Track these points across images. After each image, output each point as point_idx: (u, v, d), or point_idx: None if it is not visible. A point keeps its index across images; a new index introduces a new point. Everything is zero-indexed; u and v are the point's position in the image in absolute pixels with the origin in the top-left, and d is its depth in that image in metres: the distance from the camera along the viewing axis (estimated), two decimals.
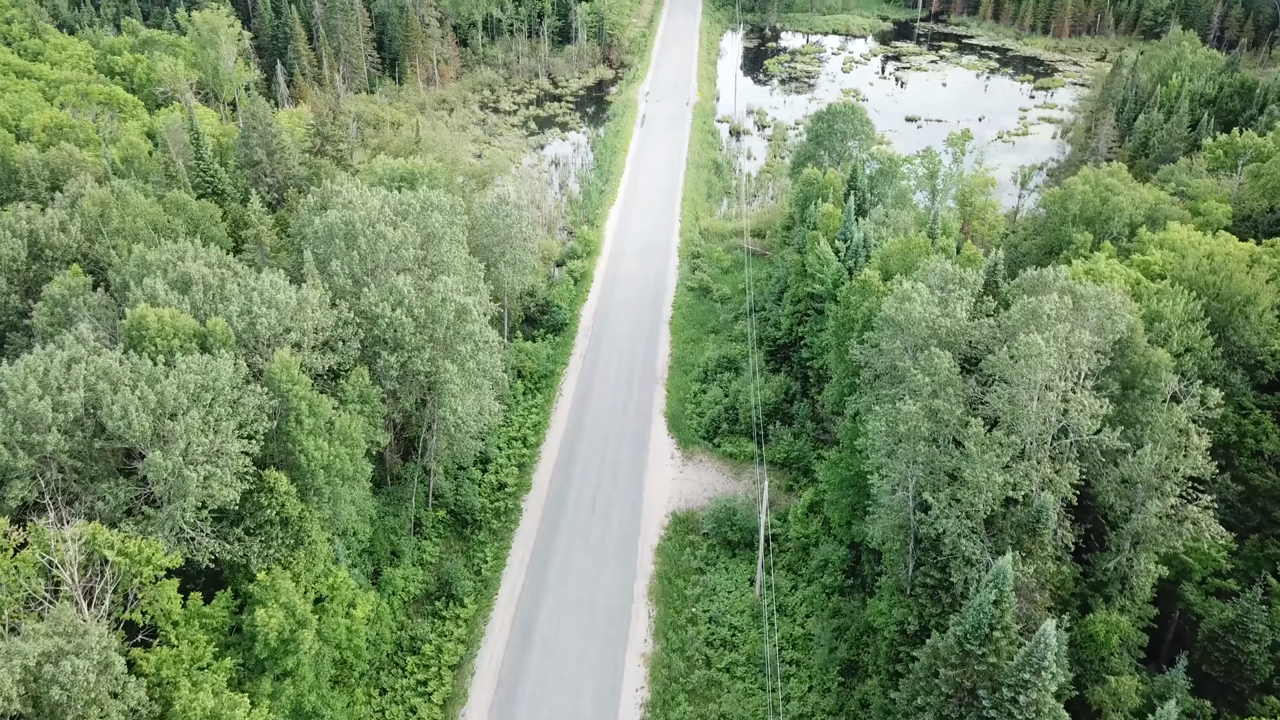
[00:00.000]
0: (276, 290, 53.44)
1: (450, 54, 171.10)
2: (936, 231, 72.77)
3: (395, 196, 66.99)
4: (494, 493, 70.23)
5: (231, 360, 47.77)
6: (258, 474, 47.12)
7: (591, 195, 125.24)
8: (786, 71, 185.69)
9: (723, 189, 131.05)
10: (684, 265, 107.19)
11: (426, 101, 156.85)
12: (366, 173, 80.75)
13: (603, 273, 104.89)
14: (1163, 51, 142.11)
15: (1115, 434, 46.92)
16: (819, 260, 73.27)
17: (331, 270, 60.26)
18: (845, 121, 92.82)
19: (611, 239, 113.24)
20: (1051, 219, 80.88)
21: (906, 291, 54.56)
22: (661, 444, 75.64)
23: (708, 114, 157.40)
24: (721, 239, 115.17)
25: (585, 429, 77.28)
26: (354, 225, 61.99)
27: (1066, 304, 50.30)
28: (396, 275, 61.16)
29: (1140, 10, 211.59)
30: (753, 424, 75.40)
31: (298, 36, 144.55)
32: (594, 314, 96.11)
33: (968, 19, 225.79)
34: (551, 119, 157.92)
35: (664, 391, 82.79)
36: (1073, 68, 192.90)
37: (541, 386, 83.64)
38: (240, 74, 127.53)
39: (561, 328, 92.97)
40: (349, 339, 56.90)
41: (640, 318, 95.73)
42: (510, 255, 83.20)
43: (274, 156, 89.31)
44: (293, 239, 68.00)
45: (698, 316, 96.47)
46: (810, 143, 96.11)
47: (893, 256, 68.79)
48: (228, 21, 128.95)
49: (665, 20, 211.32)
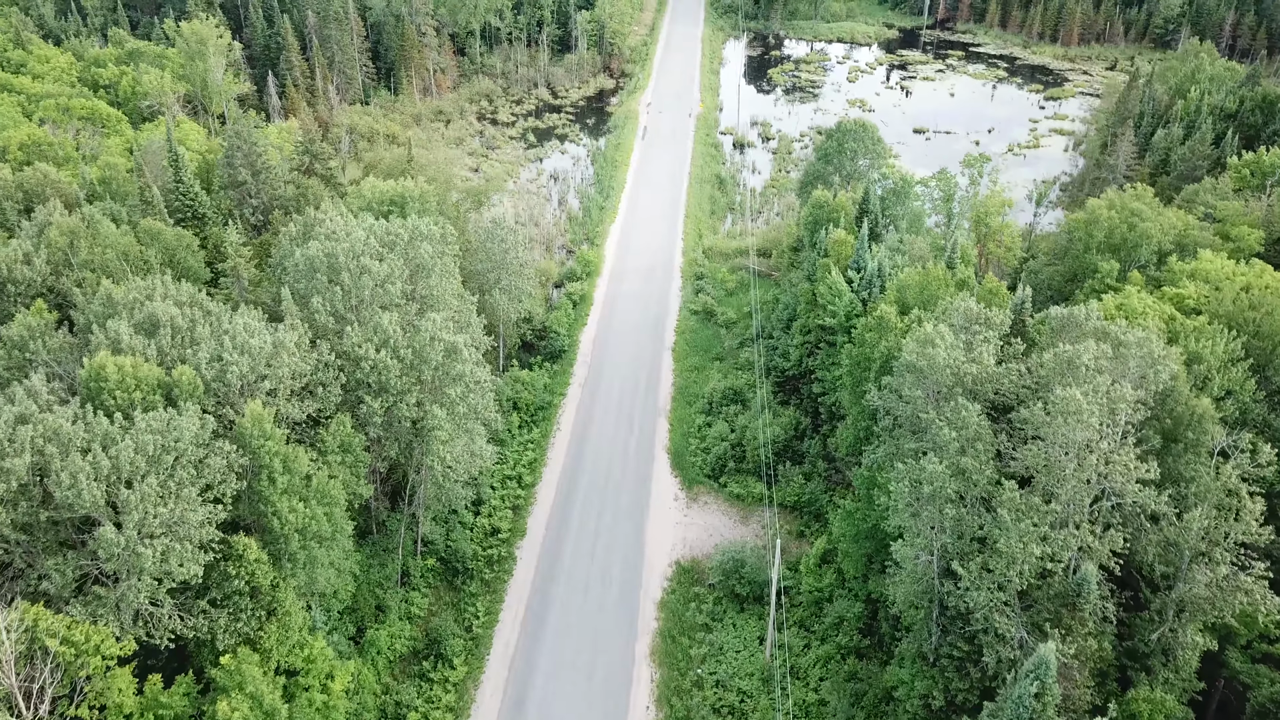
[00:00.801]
0: (250, 334, 49.51)
1: (447, 63, 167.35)
2: (955, 260, 68.85)
3: (382, 226, 63.10)
4: (487, 538, 66.22)
5: (197, 415, 43.84)
6: (225, 540, 43.20)
7: (591, 212, 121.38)
8: (790, 81, 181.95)
9: (726, 205, 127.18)
10: (687, 287, 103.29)
11: (422, 113, 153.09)
12: (354, 196, 76.91)
13: (603, 294, 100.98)
14: (1179, 63, 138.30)
15: (1161, 498, 42.97)
16: (830, 291, 69.36)
17: (313, 307, 56.37)
18: (856, 140, 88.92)
19: (612, 258, 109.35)
20: (1074, 245, 76.95)
21: (929, 335, 50.62)
22: (664, 484, 71.67)
23: (711, 125, 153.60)
24: (726, 258, 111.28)
25: (584, 467, 73.32)
26: (337, 259, 58.10)
27: (1105, 352, 46.35)
28: (382, 312, 57.27)
29: (1150, 19, 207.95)
30: (761, 463, 71.44)
31: (290, 47, 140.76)
32: (594, 339, 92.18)
33: (974, 26, 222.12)
34: (551, 131, 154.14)
35: (667, 425, 78.83)
36: (1082, 77, 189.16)
37: (538, 419, 79.68)
38: (229, 86, 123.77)
39: (560, 354, 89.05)
40: (330, 383, 52.97)
41: (642, 344, 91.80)
42: (505, 282, 79.35)
43: (259, 177, 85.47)
44: (273, 270, 64.11)
45: (701, 342, 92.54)
46: (819, 161, 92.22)
47: (910, 288, 64.85)
48: (217, 32, 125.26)
49: (667, 28, 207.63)
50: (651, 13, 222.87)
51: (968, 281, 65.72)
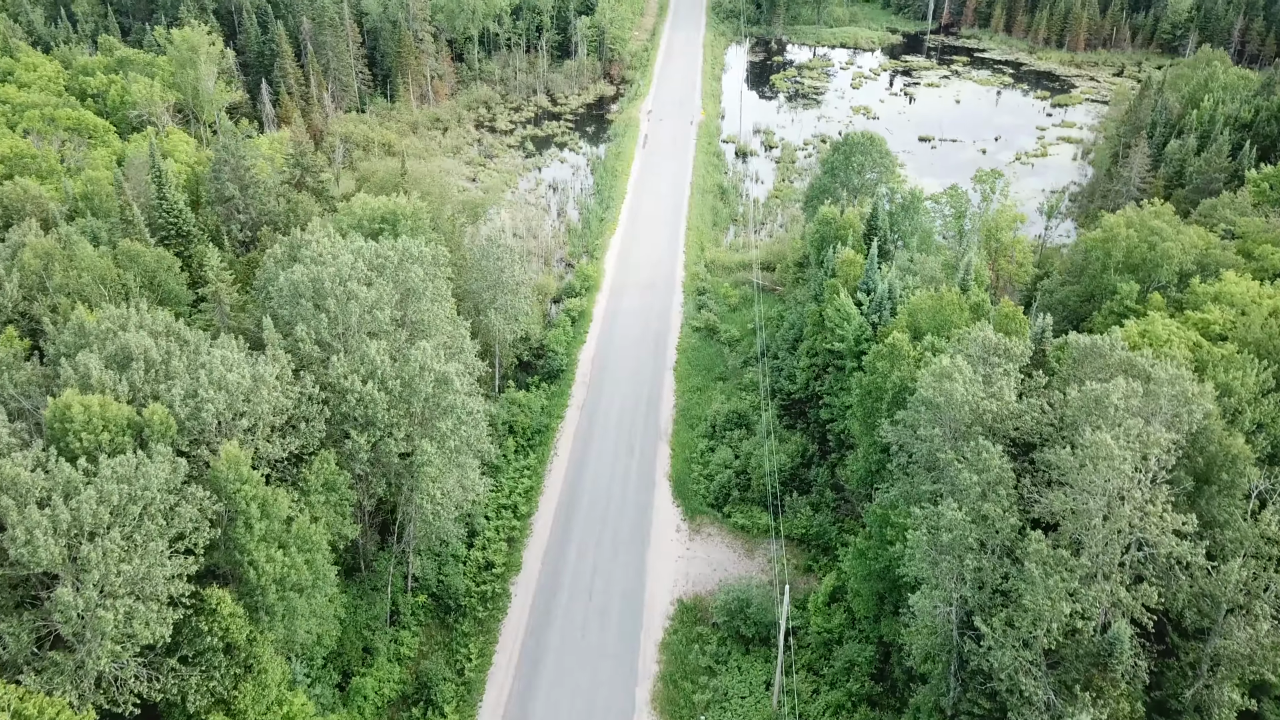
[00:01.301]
0: (228, 368, 46.76)
1: (445, 70, 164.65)
2: (969, 282, 66.09)
3: (370, 248, 60.36)
4: (480, 573, 63.43)
5: (169, 458, 41.09)
6: (197, 593, 40.44)
7: (591, 224, 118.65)
8: (793, 87, 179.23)
9: (729, 216, 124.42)
10: (689, 302, 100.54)
11: (419, 121, 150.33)
12: (345, 213, 74.18)
13: (602, 310, 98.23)
14: (1190, 71, 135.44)
15: (1198, 550, 40.19)
16: (839, 314, 66.60)
17: (297, 335, 53.63)
18: (864, 153, 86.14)
19: (612, 272, 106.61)
20: (1091, 264, 74.16)
21: (946, 369, 47.87)
22: (666, 514, 68.89)
23: (712, 134, 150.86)
24: (728, 272, 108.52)
25: (582, 496, 70.54)
26: (322, 284, 55.37)
27: (1135, 390, 43.57)
28: (370, 340, 54.54)
29: (1158, 24, 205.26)
30: (766, 492, 68.65)
31: (284, 54, 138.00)
32: (593, 358, 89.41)
33: (979, 31, 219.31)
34: (550, 139, 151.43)
35: (668, 450, 76.05)
36: (1089, 83, 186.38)
37: (535, 444, 76.89)
38: (221, 95, 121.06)
39: (558, 374, 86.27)
40: (313, 418, 50.23)
41: (642, 363, 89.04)
42: (501, 301, 76.64)
43: (247, 192, 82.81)
44: (258, 293, 61.38)
45: (704, 361, 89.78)
46: (825, 175, 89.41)
47: (922, 312, 62.11)
48: (209, 39, 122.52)
49: (668, 33, 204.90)
50: (653, 17, 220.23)
51: (983, 305, 62.97)
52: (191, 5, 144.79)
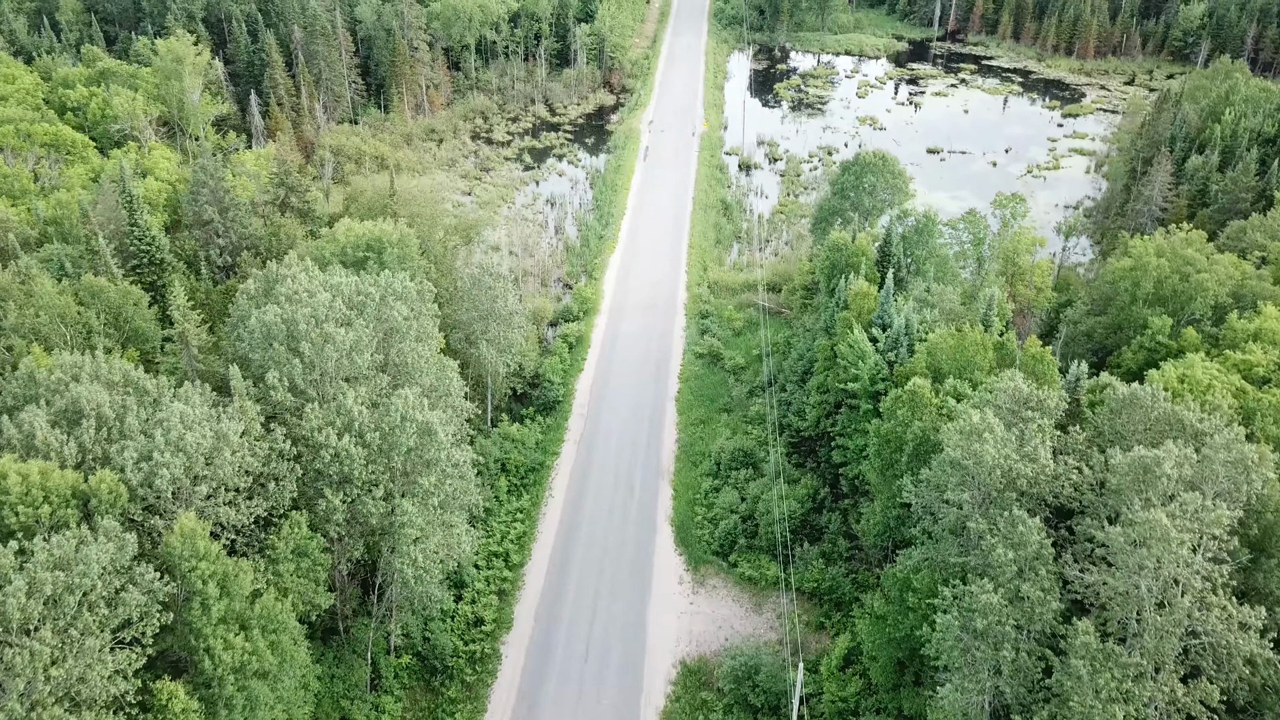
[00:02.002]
0: (188, 426, 42.59)
1: (441, 79, 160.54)
2: (991, 317, 61.90)
3: (351, 284, 56.18)
4: (469, 630, 59.21)
5: (116, 536, 36.90)
6: (145, 687, 36.26)
7: (590, 241, 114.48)
8: (797, 97, 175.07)
9: (733, 233, 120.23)
10: (691, 326, 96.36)
11: (414, 132, 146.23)
12: (328, 240, 70.02)
13: (601, 335, 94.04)
14: (1208, 82, 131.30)
15: (1266, 644, 35.97)
16: (853, 351, 62.41)
17: (269, 382, 49.48)
18: (876, 174, 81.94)
19: (611, 293, 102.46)
20: (1119, 295, 69.99)
21: (975, 426, 43.68)
22: (668, 563, 64.67)
23: (715, 145, 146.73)
24: (732, 294, 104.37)
25: (578, 542, 66.33)
26: (297, 325, 51.20)
27: (1188, 457, 39.37)
28: (347, 386, 50.40)
29: (1168, 31, 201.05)
30: (775, 540, 64.41)
31: (274, 64, 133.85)
32: (590, 387, 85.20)
33: (986, 38, 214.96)
34: (548, 150, 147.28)
35: (670, 490, 71.85)
36: (1100, 92, 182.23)
37: (529, 483, 72.69)
38: (207, 107, 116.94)
39: (554, 406, 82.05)
40: (283, 477, 46.06)
41: (643, 392, 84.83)
42: (493, 333, 72.46)
43: (227, 214, 78.75)
44: (231, 330, 57.21)
45: (708, 391, 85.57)
46: (835, 196, 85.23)
47: (942, 351, 57.93)
48: (194, 50, 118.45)
49: (669, 40, 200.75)
50: (654, 24, 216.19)
51: (1008, 344, 58.81)
52: (179, 13, 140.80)
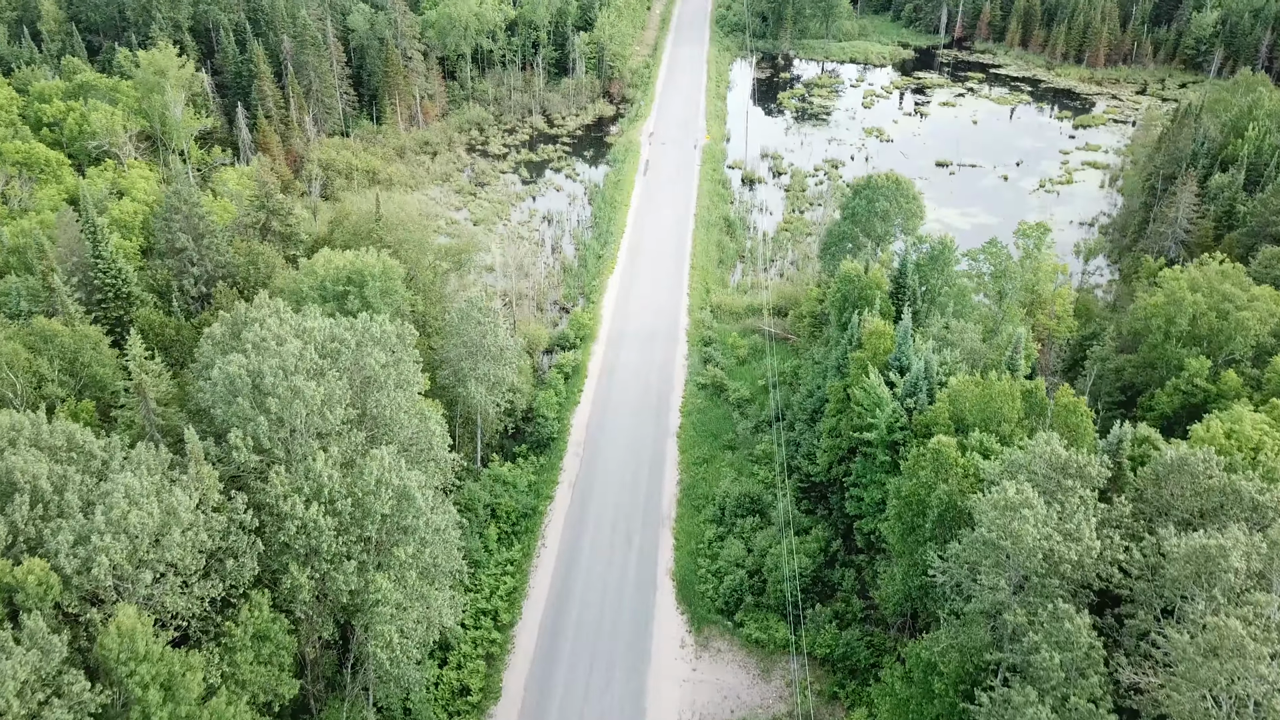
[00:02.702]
0: (133, 501, 38.14)
1: (436, 89, 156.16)
2: (1018, 361, 57.42)
3: (324, 329, 51.70)
4: (454, 699, 54.61)
5: (41, 638, 32.46)
6: None
7: (588, 262, 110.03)
8: (802, 107, 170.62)
9: (736, 252, 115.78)
10: (694, 354, 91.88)
11: (407, 145, 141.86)
12: (306, 272, 65.58)
13: (599, 364, 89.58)
14: (1229, 95, 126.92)
15: None
16: (868, 396, 57.94)
17: (231, 442, 45.06)
18: (889, 199, 77.50)
19: (610, 318, 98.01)
20: (1152, 333, 65.51)
21: (1012, 501, 39.21)
22: (669, 624, 60.17)
23: (717, 159, 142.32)
24: (736, 318, 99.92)
25: (573, 600, 61.84)
26: (263, 378, 46.77)
27: (1257, 548, 34.88)
28: (318, 446, 45.98)
29: (1180, 39, 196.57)
30: (784, 598, 59.88)
31: (263, 75, 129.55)
32: (587, 423, 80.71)
33: (993, 46, 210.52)
34: (545, 164, 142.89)
35: (671, 540, 67.37)
36: (1111, 102, 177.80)
37: (520, 530, 68.23)
38: (190, 122, 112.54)
39: (548, 443, 77.57)
40: (243, 553, 41.62)
41: (642, 428, 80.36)
42: (482, 370, 68.01)
43: (202, 241, 74.34)
44: (195, 378, 52.79)
45: (711, 425, 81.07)
46: (845, 221, 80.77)
47: (965, 399, 53.47)
48: (178, 62, 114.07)
49: (670, 49, 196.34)
50: (654, 31, 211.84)
51: (1036, 391, 54.33)
52: (165, 23, 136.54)
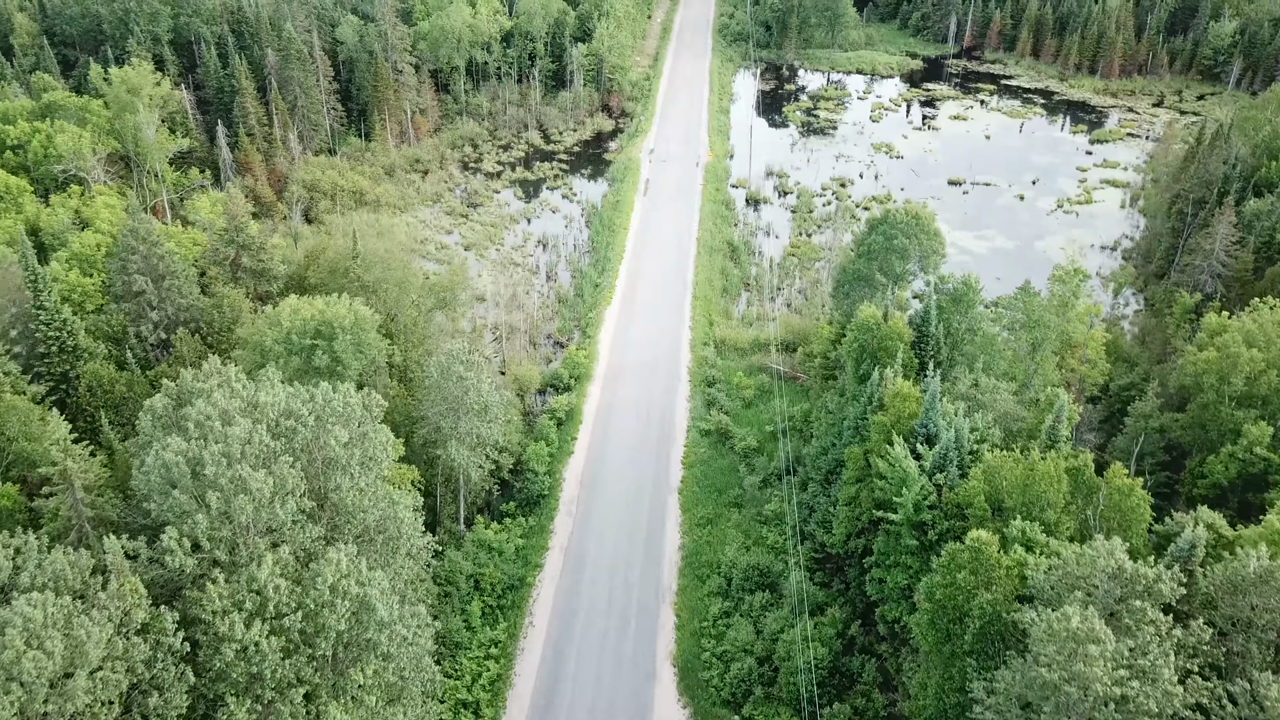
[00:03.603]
0: (33, 638, 32.08)
1: (428, 103, 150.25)
2: (1059, 430, 51.30)
3: (279, 403, 45.63)
4: None
5: None
6: None
7: (585, 291, 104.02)
8: (808, 121, 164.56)
9: (740, 279, 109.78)
10: (696, 396, 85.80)
11: (397, 163, 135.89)
12: (269, 324, 59.51)
13: (595, 408, 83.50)
14: (1258, 112, 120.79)
15: None
16: (892, 469, 51.85)
17: (164, 544, 39.03)
18: (908, 235, 71.42)
19: (607, 354, 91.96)
20: (1203, 391, 59.39)
21: (1075, 633, 33.10)
22: (670, 719, 54.09)
23: (720, 177, 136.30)
24: (742, 354, 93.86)
25: (562, 691, 55.66)
26: (204, 468, 40.73)
27: None
28: (264, 542, 39.96)
29: (1197, 49, 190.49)
30: (798, 690, 53.76)
31: (245, 91, 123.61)
32: (581, 476, 74.62)
33: (1004, 55, 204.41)
34: (541, 183, 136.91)
35: (673, 618, 61.25)
36: (1128, 115, 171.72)
37: (507, 605, 62.13)
38: (164, 143, 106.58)
39: (538, 501, 71.48)
40: (169, 686, 35.56)
41: (641, 482, 74.28)
42: (465, 428, 61.96)
43: (162, 284, 68.46)
44: (135, 454, 46.77)
45: (716, 479, 74.99)
46: (861, 258, 74.64)
47: (1002, 476, 47.40)
48: (153, 79, 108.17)
49: (671, 60, 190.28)
50: (655, 40, 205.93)
51: (1083, 468, 48.22)
52: (143, 36, 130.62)
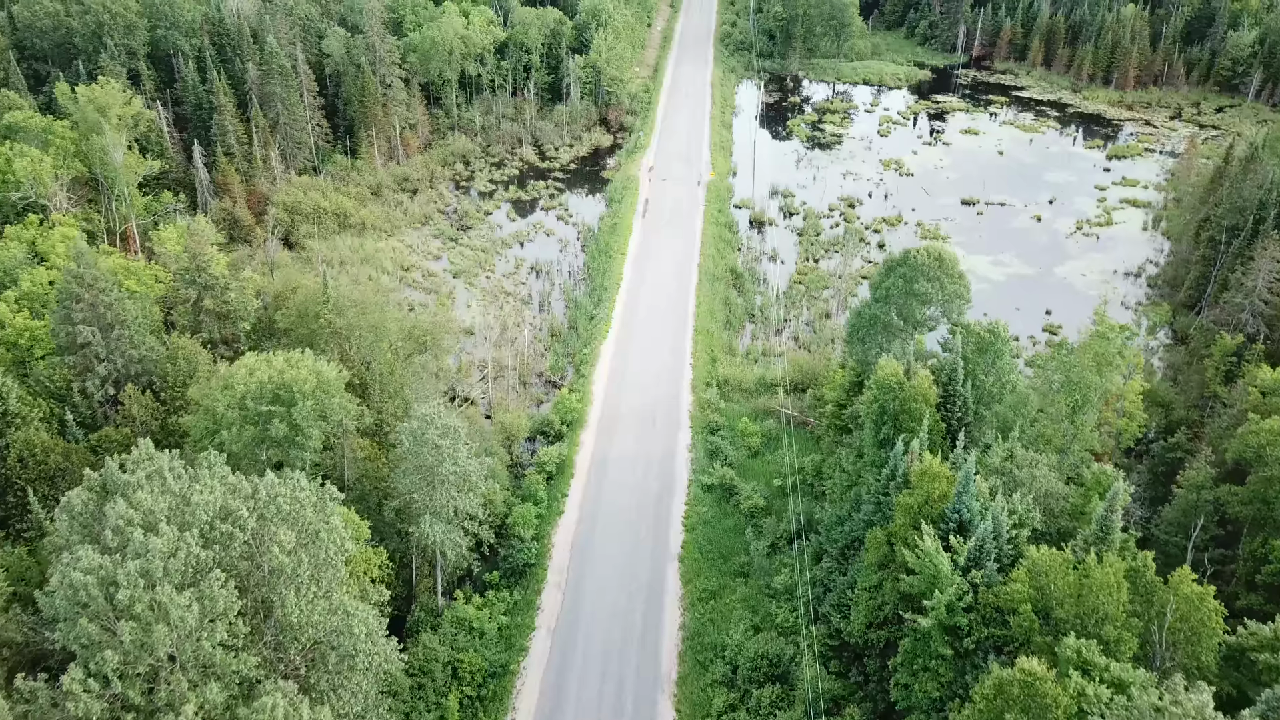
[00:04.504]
0: None
1: (418, 118, 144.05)
2: (1112, 521, 44.91)
3: (215, 500, 39.29)
4: None
5: None
6: None
7: (580, 324, 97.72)
8: (813, 136, 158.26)
9: (745, 310, 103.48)
10: (698, 445, 79.50)
11: (384, 182, 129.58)
12: (221, 389, 53.19)
13: (588, 459, 77.17)
14: None
15: None
16: (921, 562, 45.54)
17: (65, 686, 32.75)
18: (929, 279, 65.08)
19: (602, 396, 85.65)
20: (1266, 464, 53.05)
21: None
22: None
23: (723, 197, 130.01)
24: (747, 396, 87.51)
25: None
26: (117, 589, 34.45)
27: None
28: (186, 684, 33.67)
29: (1215, 59, 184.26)
30: None
31: (223, 108, 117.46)
32: (572, 540, 68.27)
33: (1015, 65, 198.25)
34: (535, 202, 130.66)
35: (672, 712, 54.88)
36: (1146, 129, 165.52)
37: (487, 696, 55.77)
38: (133, 166, 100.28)
39: (524, 571, 65.15)
40: None
41: (638, 547, 67.94)
42: (440, 498, 55.65)
43: (111, 334, 62.21)
44: (50, 556, 40.51)
45: (720, 543, 68.66)
46: (878, 302, 68.26)
47: (1053, 584, 41.13)
48: (122, 97, 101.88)
49: (672, 71, 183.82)
50: (655, 50, 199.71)
51: (1143, 573, 41.89)
52: (118, 50, 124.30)
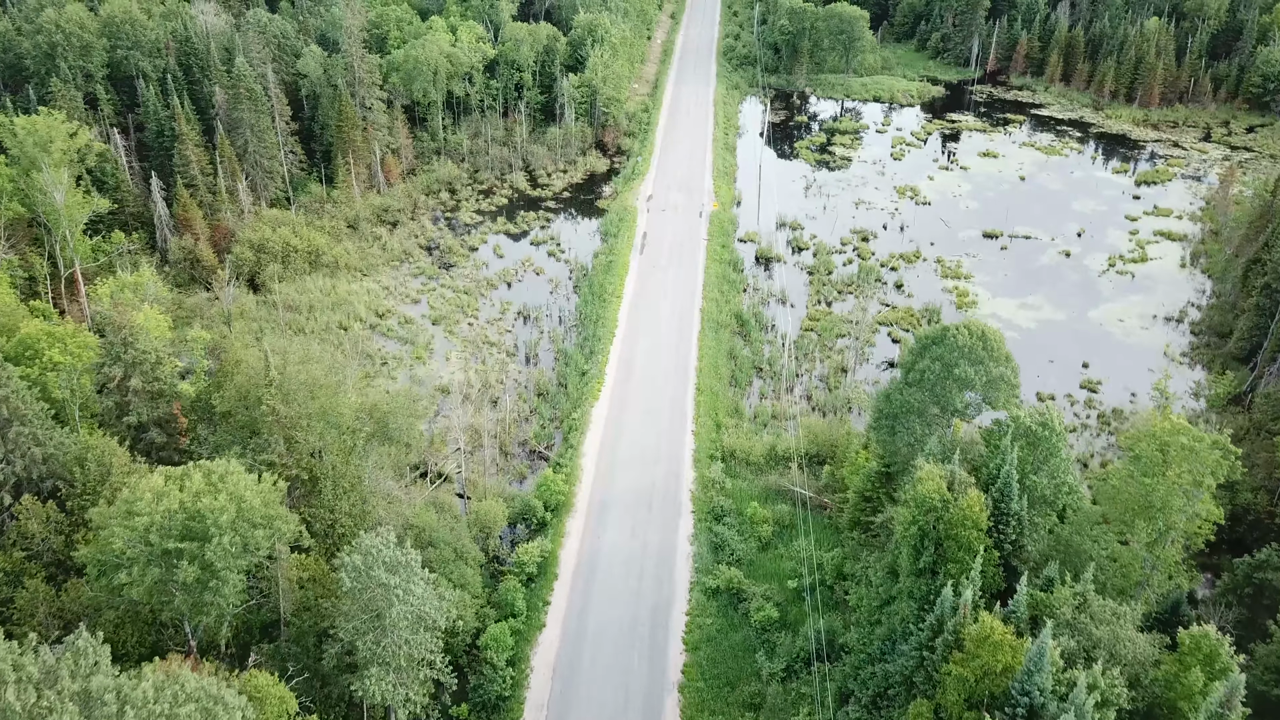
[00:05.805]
0: None
1: (401, 142, 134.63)
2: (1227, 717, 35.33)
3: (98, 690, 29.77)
4: None
5: None
6: None
7: (569, 383, 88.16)
8: (822, 159, 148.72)
9: (752, 364, 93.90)
10: (701, 534, 69.92)
11: (362, 214, 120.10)
12: (121, 518, 43.63)
13: (574, 555, 67.57)
14: None
15: None
16: None
17: None
18: (972, 362, 55.48)
19: (592, 473, 76.08)
20: None
21: None
22: None
23: (727, 230, 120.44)
24: (756, 471, 77.89)
25: None
26: None
27: None
28: None
29: (1243, 75, 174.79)
30: None
31: (185, 137, 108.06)
32: (554, 663, 58.62)
33: (1031, 81, 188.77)
34: (525, 235, 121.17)
35: None
36: (1174, 151, 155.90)
37: None
38: (78, 207, 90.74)
39: (496, 707, 55.51)
40: None
41: (631, 674, 58.22)
42: (390, 646, 46.05)
43: (9, 431, 52.71)
44: None
45: (727, 665, 58.95)
46: (911, 386, 58.62)
47: None
48: (66, 129, 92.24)
49: (672, 87, 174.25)
50: (655, 65, 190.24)
51: None
52: (72, 72, 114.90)
